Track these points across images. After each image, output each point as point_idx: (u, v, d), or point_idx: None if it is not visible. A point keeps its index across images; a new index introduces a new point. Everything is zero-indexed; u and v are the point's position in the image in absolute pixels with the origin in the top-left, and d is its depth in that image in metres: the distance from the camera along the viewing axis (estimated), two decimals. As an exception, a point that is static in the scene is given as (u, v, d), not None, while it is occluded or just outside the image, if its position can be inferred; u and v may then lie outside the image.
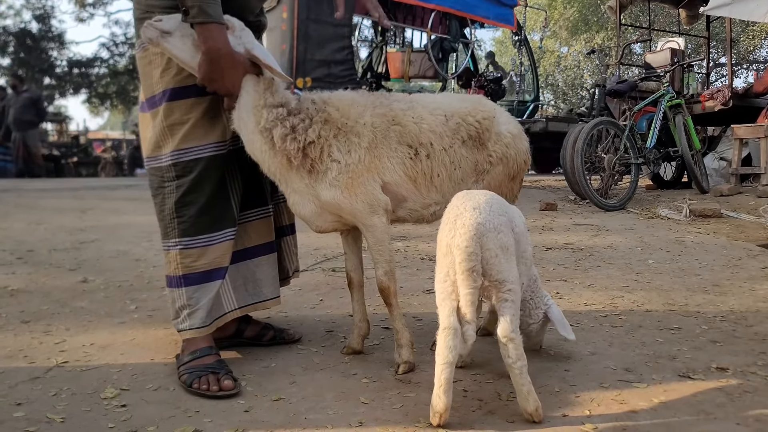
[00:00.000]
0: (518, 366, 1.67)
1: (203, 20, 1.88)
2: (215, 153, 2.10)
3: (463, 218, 1.69)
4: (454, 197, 1.85)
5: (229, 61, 1.94)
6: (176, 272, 2.11)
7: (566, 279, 3.49)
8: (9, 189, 8.01)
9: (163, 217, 2.13)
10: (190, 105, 2.07)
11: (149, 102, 2.14)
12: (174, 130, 2.08)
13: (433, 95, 2.52)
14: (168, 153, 2.09)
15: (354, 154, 2.02)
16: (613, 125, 6.76)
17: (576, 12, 25.20)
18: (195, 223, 2.09)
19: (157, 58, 2.08)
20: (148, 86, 2.13)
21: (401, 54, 9.84)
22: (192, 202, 2.09)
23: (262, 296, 2.31)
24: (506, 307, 1.69)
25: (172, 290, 2.13)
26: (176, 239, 2.10)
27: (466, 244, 1.65)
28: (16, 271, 3.63)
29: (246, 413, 1.80)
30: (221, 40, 1.92)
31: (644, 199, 7.26)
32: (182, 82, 2.06)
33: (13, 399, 1.88)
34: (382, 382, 2.03)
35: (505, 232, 1.72)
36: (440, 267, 1.74)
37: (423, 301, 3.01)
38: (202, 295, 2.11)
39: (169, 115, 2.08)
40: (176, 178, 2.09)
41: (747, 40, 22.79)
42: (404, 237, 4.68)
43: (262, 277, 2.30)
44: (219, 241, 2.13)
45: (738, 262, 3.94)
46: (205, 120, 2.09)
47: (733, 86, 8.39)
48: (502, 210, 1.77)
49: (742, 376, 2.06)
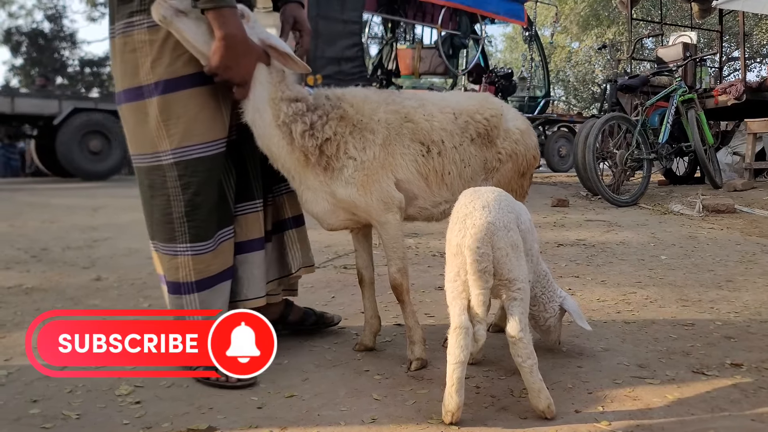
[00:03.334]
0: (528, 364, 1.66)
1: (217, 5, 1.80)
2: (218, 150, 2.01)
3: (473, 218, 1.67)
4: (461, 195, 1.83)
5: (245, 48, 1.88)
6: (188, 278, 2.01)
7: (578, 275, 3.48)
8: (21, 188, 8.08)
9: (169, 219, 2.00)
10: (187, 97, 1.96)
11: (134, 92, 1.98)
12: (171, 125, 1.95)
13: (440, 93, 2.51)
14: (169, 150, 1.96)
15: (369, 151, 2.02)
16: (625, 120, 6.73)
17: (587, 7, 25.05)
18: (207, 227, 2.01)
19: (144, 46, 1.94)
20: (131, 75, 1.97)
21: (411, 51, 9.84)
22: (202, 204, 2.00)
23: (241, 295, 2.18)
24: (515, 305, 1.68)
25: (181, 296, 2.03)
26: (187, 244, 2.00)
27: (477, 244, 1.63)
28: (30, 270, 3.66)
29: (259, 410, 1.81)
30: (237, 25, 1.85)
31: (656, 194, 7.22)
32: (176, 73, 1.94)
33: (29, 396, 1.90)
34: (394, 378, 2.03)
35: (515, 230, 1.71)
36: (450, 266, 1.73)
37: (435, 298, 3.01)
38: (215, 299, 2.05)
39: (165, 109, 1.94)
40: (179, 178, 1.97)
41: (760, 33, 22.58)
42: (416, 234, 4.68)
43: (243, 276, 2.17)
44: (225, 239, 2.07)
45: (752, 257, 3.91)
46: (206, 114, 1.98)
47: (746, 80, 8.30)
48: (510, 207, 1.76)
49: (756, 372, 2.04)
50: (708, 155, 7.18)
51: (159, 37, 1.93)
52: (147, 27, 1.93)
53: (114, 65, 2.05)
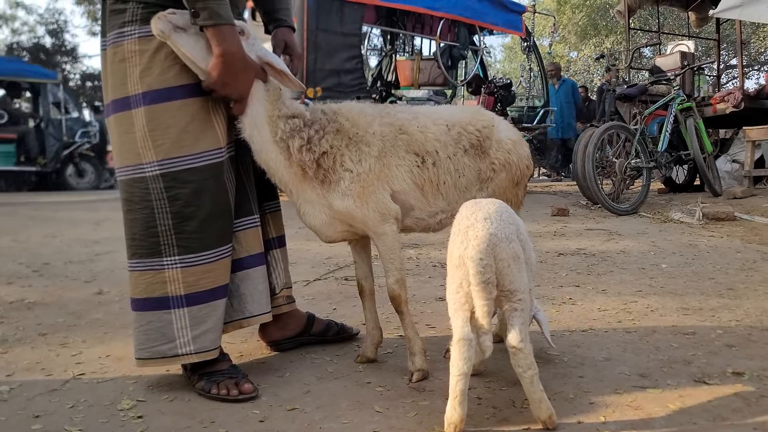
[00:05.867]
0: (529, 375, 1.66)
1: (216, 23, 1.82)
2: (211, 161, 1.98)
3: (475, 229, 1.68)
4: (462, 207, 1.84)
5: (243, 65, 1.90)
6: (177, 292, 1.97)
7: (579, 284, 3.49)
8: (24, 202, 8.10)
9: (152, 233, 1.96)
10: (176, 108, 1.93)
11: (121, 103, 1.97)
12: (158, 137, 1.92)
13: (433, 107, 2.55)
14: (155, 162, 1.93)
15: (365, 163, 2.04)
16: (624, 129, 6.75)
17: (584, 17, 25.15)
18: (198, 239, 1.97)
19: (134, 57, 1.93)
20: (119, 86, 1.96)
21: (411, 62, 9.87)
22: (192, 215, 1.96)
23: (246, 312, 2.17)
24: (516, 316, 1.68)
25: (170, 311, 1.98)
26: (176, 257, 1.97)
27: (480, 256, 1.63)
28: (32, 284, 3.67)
29: (261, 423, 1.81)
30: (236, 42, 1.87)
31: (656, 202, 7.22)
32: (166, 83, 1.93)
33: (31, 411, 1.90)
34: (396, 390, 2.03)
35: (516, 241, 1.71)
36: (452, 278, 1.73)
37: (436, 309, 3.01)
38: (207, 315, 2.00)
39: (152, 120, 1.92)
40: (166, 190, 1.94)
41: (758, 41, 22.67)
42: (416, 245, 4.68)
43: (246, 292, 2.16)
44: (224, 256, 2.04)
45: (753, 265, 3.91)
46: (195, 125, 1.95)
47: (744, 88, 8.32)
48: (511, 219, 1.76)
49: (758, 380, 2.04)
50: (707, 163, 7.19)
51: (150, 47, 1.92)
52: (138, 37, 1.93)
53: (104, 76, 2.04)
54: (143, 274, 2.00)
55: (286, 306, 2.41)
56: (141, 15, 1.92)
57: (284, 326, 2.43)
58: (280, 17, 2.36)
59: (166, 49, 1.91)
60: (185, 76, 1.95)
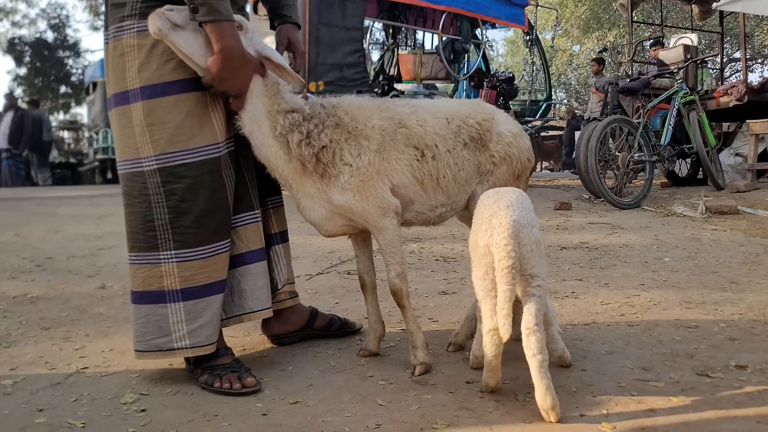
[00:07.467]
0: (539, 359, 1.67)
1: (215, 18, 1.82)
2: (208, 156, 1.98)
3: (498, 217, 1.74)
4: (482, 197, 1.91)
5: (242, 61, 1.90)
6: (173, 286, 1.98)
7: (582, 278, 3.48)
8: (27, 197, 8.11)
9: (150, 227, 1.98)
10: (172, 103, 1.94)
11: (120, 97, 1.98)
12: (155, 131, 1.94)
13: (432, 100, 2.55)
14: (152, 156, 1.95)
15: (365, 157, 2.04)
16: (627, 123, 6.73)
17: (587, 10, 25.07)
18: (194, 234, 1.97)
19: (132, 51, 1.94)
20: (119, 80, 1.97)
21: (413, 56, 9.84)
22: (187, 210, 1.96)
23: (247, 308, 2.16)
24: (533, 300, 1.72)
25: (165, 305, 1.99)
26: (172, 251, 1.97)
27: (505, 242, 1.69)
28: (35, 279, 3.68)
29: (264, 416, 1.81)
30: (235, 38, 1.87)
31: (659, 196, 7.21)
32: (163, 78, 1.93)
33: (35, 405, 1.90)
34: (398, 383, 2.03)
35: (537, 228, 1.78)
36: (478, 266, 1.80)
37: (438, 303, 3.01)
38: (202, 310, 2.00)
39: (149, 114, 1.93)
40: (163, 185, 1.95)
41: (761, 34, 22.58)
42: (418, 239, 4.68)
43: (246, 288, 2.15)
44: (220, 252, 2.04)
45: (756, 258, 3.90)
46: (192, 120, 1.96)
47: (747, 81, 8.29)
48: (530, 206, 1.84)
49: (761, 373, 2.04)
50: (710, 157, 7.17)
51: (148, 41, 1.92)
52: (136, 31, 1.93)
53: (106, 70, 2.04)
54: (141, 268, 2.02)
55: (289, 301, 2.41)
56: (140, 9, 1.92)
57: (286, 321, 2.43)
58: (285, 13, 2.36)
59: (163, 45, 1.91)
60: (182, 71, 1.94)
